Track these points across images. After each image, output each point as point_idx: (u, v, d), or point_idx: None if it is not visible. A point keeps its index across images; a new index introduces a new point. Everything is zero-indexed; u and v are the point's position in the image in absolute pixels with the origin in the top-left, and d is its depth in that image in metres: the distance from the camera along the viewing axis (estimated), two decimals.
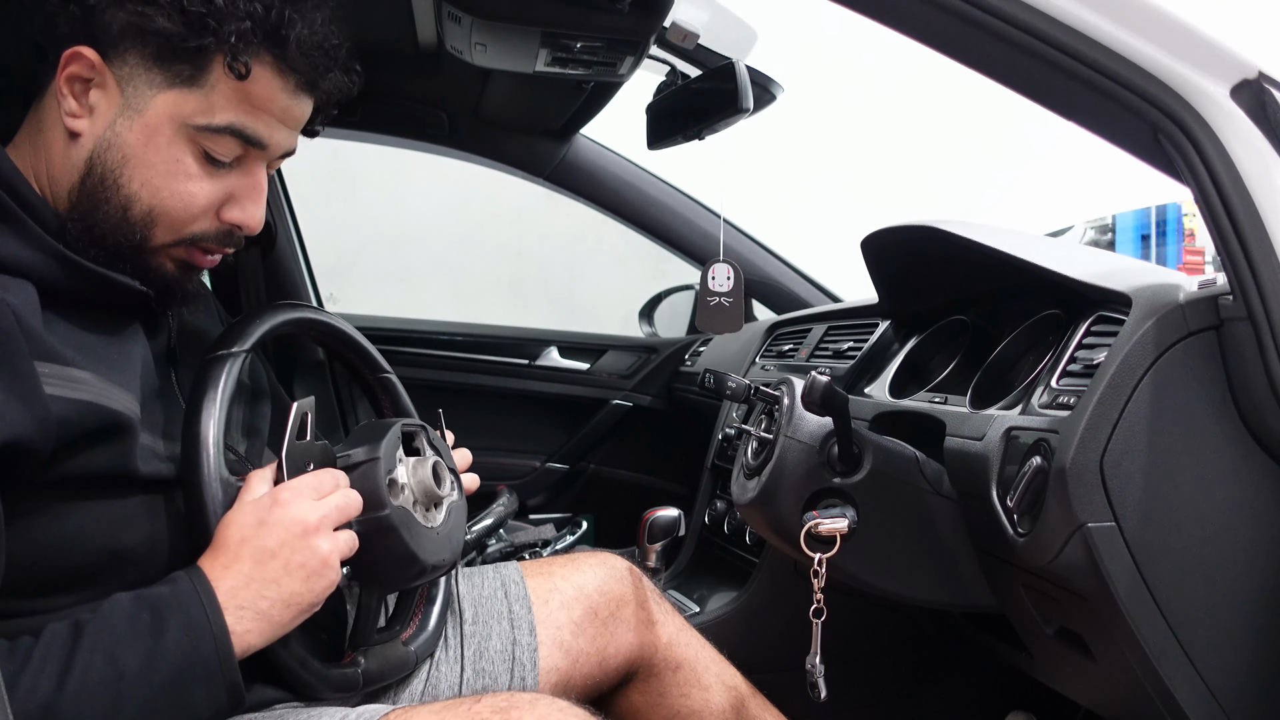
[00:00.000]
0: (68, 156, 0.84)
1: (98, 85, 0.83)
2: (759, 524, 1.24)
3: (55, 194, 0.85)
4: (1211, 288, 0.93)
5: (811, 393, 1.05)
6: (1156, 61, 0.87)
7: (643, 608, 1.22)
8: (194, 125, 0.84)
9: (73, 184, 0.84)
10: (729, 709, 1.23)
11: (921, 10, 0.88)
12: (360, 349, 1.08)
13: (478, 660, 1.11)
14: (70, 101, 0.83)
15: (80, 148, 0.84)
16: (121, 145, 0.84)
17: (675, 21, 1.50)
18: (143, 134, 0.84)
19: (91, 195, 0.84)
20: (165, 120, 0.84)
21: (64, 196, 0.85)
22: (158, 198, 0.85)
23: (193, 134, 0.85)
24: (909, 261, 1.48)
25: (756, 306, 2.42)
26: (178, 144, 0.85)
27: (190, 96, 0.84)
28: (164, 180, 0.85)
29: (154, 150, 0.84)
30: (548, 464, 2.48)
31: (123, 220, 0.84)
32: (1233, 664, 0.92)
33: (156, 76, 0.83)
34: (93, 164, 0.84)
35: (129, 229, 0.85)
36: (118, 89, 0.83)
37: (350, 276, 3.42)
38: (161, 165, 0.85)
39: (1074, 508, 0.90)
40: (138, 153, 0.84)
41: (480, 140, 2.19)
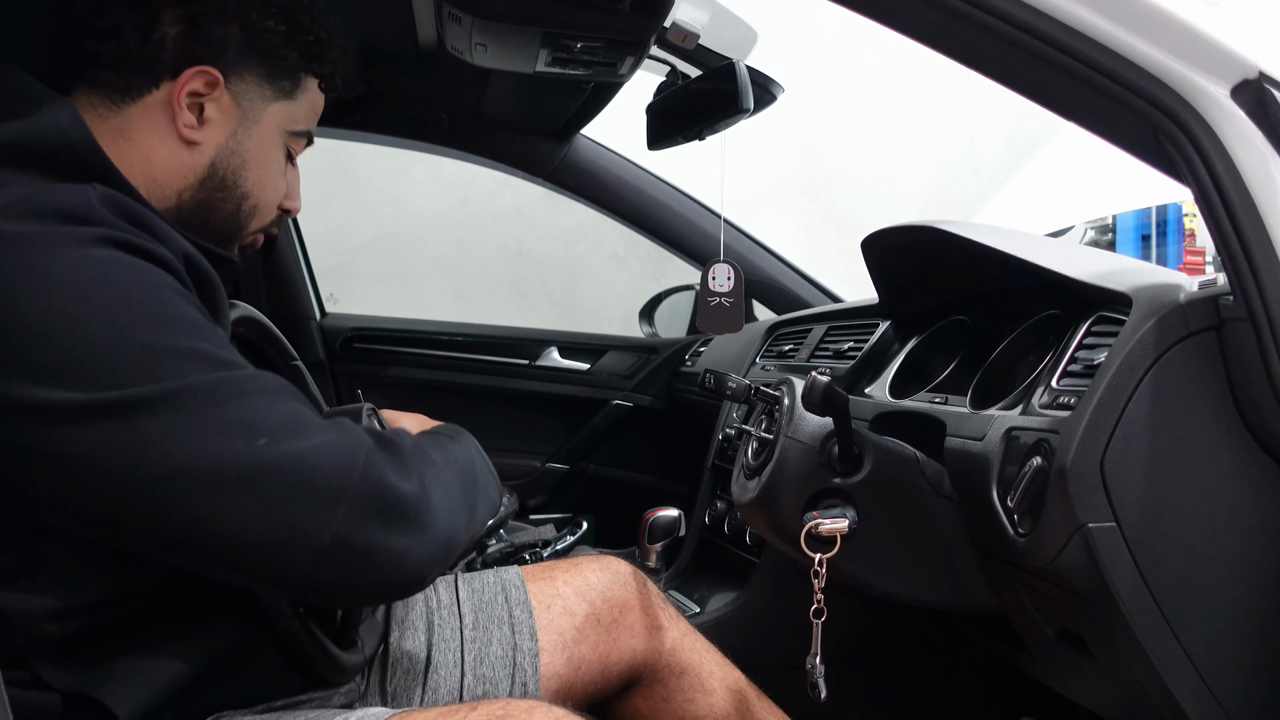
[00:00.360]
0: (183, 162, 0.94)
1: (214, 100, 0.94)
2: (759, 524, 1.24)
3: (155, 192, 0.93)
4: (1212, 288, 0.93)
5: (812, 393, 1.05)
6: (1157, 62, 0.87)
7: (647, 613, 1.22)
8: (289, 130, 1.01)
9: (187, 185, 0.94)
10: (733, 713, 1.23)
11: (921, 10, 0.88)
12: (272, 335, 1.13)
13: (478, 666, 1.11)
14: (188, 114, 0.93)
15: (200, 154, 0.94)
16: (242, 152, 0.97)
17: (675, 21, 1.49)
18: (258, 141, 0.98)
19: (210, 195, 0.96)
20: (274, 128, 0.99)
21: (171, 195, 0.94)
22: (264, 193, 1.00)
23: (287, 138, 1.01)
24: (909, 262, 1.48)
25: (756, 306, 2.42)
26: (279, 147, 1.01)
27: (289, 106, 1.00)
28: (270, 178, 1.00)
29: (264, 154, 0.99)
30: (548, 464, 2.47)
31: (235, 214, 0.98)
32: (1233, 664, 0.92)
33: (267, 91, 0.98)
34: (215, 169, 0.95)
35: (237, 221, 0.99)
36: (234, 104, 0.95)
37: (350, 276, 3.42)
38: (270, 166, 1.00)
39: (1074, 508, 0.90)
40: (254, 157, 0.98)
41: (480, 140, 2.19)
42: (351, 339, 2.46)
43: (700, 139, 1.66)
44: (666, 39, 1.53)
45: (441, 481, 0.84)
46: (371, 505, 0.75)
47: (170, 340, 0.74)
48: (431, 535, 0.79)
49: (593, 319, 3.73)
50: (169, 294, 0.77)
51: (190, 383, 0.72)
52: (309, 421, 0.77)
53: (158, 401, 0.71)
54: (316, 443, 0.75)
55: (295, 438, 0.74)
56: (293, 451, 0.74)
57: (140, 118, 0.92)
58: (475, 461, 0.97)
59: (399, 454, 0.80)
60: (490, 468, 1.01)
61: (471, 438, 1.02)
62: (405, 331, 2.51)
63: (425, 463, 0.83)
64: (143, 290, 0.75)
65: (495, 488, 1.00)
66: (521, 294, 3.84)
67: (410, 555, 0.78)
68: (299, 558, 0.74)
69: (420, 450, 0.85)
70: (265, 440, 0.73)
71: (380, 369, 2.45)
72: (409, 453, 0.81)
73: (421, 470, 0.81)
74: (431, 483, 0.81)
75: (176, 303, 0.77)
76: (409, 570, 0.79)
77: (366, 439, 0.78)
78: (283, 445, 0.73)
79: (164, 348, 0.73)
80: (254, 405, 0.74)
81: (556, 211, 3.67)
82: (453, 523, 0.83)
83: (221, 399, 0.73)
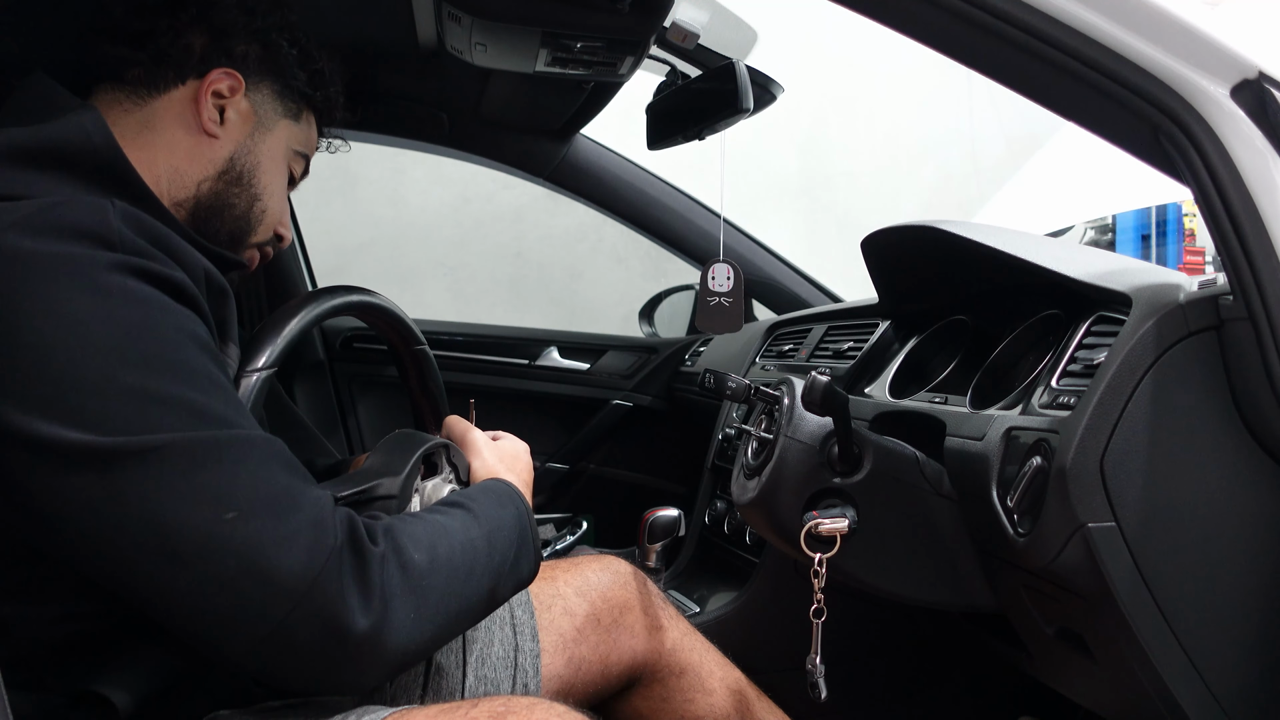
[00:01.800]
0: (204, 153, 0.98)
1: (234, 104, 1.00)
2: (759, 524, 1.24)
3: (177, 181, 0.97)
4: (1211, 288, 0.93)
5: (811, 393, 1.05)
6: (1157, 62, 0.87)
7: (647, 613, 1.22)
8: (294, 150, 1.07)
9: (207, 175, 0.99)
10: (733, 713, 1.23)
11: (921, 10, 0.88)
12: (398, 321, 1.15)
13: (480, 667, 1.11)
14: (211, 110, 0.98)
15: (220, 147, 1.00)
16: (257, 154, 1.02)
17: (675, 21, 1.49)
18: (270, 149, 1.04)
19: (227, 189, 1.00)
20: (283, 142, 1.06)
21: (191, 185, 0.98)
22: (273, 200, 1.05)
23: (291, 156, 1.07)
24: (909, 261, 1.48)
25: (756, 306, 2.42)
26: (285, 162, 1.07)
27: (295, 127, 1.07)
28: (278, 187, 1.06)
29: (275, 163, 1.05)
30: (548, 464, 2.47)
31: (246, 213, 1.02)
32: (1233, 664, 0.92)
33: (279, 107, 1.05)
34: (233, 162, 1.00)
35: (247, 221, 1.03)
36: (251, 111, 1.02)
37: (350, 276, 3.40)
38: (278, 175, 1.06)
39: (1074, 508, 0.90)
40: (266, 163, 1.03)
41: (480, 140, 2.19)
42: (351, 339, 2.46)
43: (700, 139, 1.66)
44: (666, 39, 1.52)
45: (415, 591, 0.77)
46: (319, 620, 0.71)
47: (161, 387, 0.72)
48: (378, 661, 0.75)
49: (593, 319, 3.73)
50: (174, 334, 0.75)
51: (170, 440, 0.71)
52: (286, 500, 0.73)
53: (133, 456, 0.70)
54: (284, 532, 0.72)
55: (265, 517, 0.71)
56: (256, 534, 0.71)
57: (165, 110, 0.97)
58: (488, 541, 0.88)
59: (365, 569, 0.74)
60: (524, 536, 0.94)
61: (514, 498, 0.96)
62: None
63: (397, 575, 0.76)
64: (146, 330, 0.74)
65: (517, 561, 0.91)
66: (521, 294, 3.84)
67: (348, 672, 0.74)
68: (239, 641, 0.72)
69: (397, 557, 0.77)
70: (233, 515, 0.71)
71: (380, 369, 2.46)
72: (375, 567, 0.75)
73: (387, 590, 0.75)
74: (396, 603, 0.75)
75: (180, 345, 0.75)
76: (346, 684, 0.76)
77: (339, 538, 0.73)
78: (250, 524, 0.71)
79: (153, 395, 0.72)
80: (230, 473, 0.72)
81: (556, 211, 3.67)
82: (415, 636, 0.77)
83: (199, 462, 0.71)
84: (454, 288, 3.77)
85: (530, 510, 0.98)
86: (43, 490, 0.70)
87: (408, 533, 0.80)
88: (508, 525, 0.92)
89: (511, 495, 0.97)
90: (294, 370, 2.40)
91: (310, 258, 2.53)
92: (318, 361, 2.44)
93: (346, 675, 0.75)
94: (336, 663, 0.73)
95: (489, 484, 0.98)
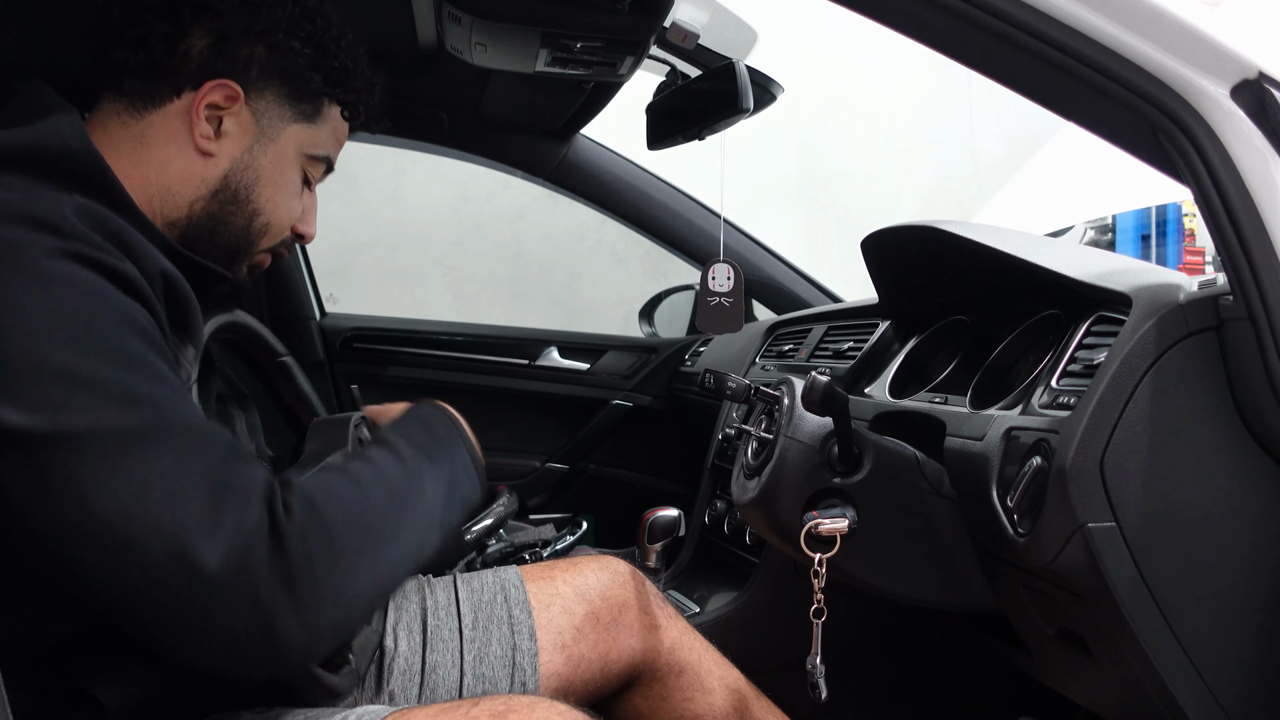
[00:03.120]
0: (196, 172, 0.95)
1: (232, 114, 0.95)
2: (759, 524, 1.24)
3: (169, 201, 0.94)
4: (1211, 288, 0.93)
5: (811, 393, 1.05)
6: (1157, 61, 0.87)
7: (645, 612, 1.22)
8: (307, 153, 1.02)
9: (200, 196, 0.95)
10: (732, 712, 1.23)
11: (921, 10, 0.88)
12: (258, 335, 1.09)
13: (478, 665, 1.11)
14: (205, 125, 0.94)
15: (215, 165, 0.96)
16: (256, 168, 0.97)
17: (675, 21, 1.49)
18: (274, 159, 0.99)
19: (221, 208, 0.96)
20: (292, 149, 1.00)
21: (183, 205, 0.95)
22: (276, 212, 1.00)
23: (304, 160, 1.02)
24: (909, 261, 1.48)
25: (756, 306, 2.42)
26: (295, 168, 1.01)
27: (309, 130, 1.01)
28: (283, 197, 1.01)
29: (280, 173, 0.99)
30: (548, 464, 2.47)
31: (245, 230, 0.98)
32: (1233, 664, 0.92)
33: (287, 112, 0.99)
34: (228, 182, 0.96)
35: (246, 237, 0.99)
36: (252, 120, 0.97)
37: (350, 276, 3.42)
38: (284, 185, 1.00)
39: (1074, 508, 0.90)
40: (268, 175, 0.98)
41: (480, 140, 2.19)
42: (351, 339, 2.46)
43: (700, 139, 1.66)
44: (666, 39, 1.53)
45: (339, 557, 0.76)
46: (244, 605, 0.70)
47: (93, 370, 0.71)
48: (309, 638, 0.74)
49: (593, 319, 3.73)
50: (112, 320, 0.74)
51: (97, 424, 0.70)
52: (215, 485, 0.72)
53: (59, 439, 0.69)
54: (210, 519, 0.70)
55: (192, 503, 0.70)
56: (182, 520, 0.69)
57: (160, 125, 0.94)
58: (413, 485, 0.86)
59: (282, 547, 0.72)
60: (457, 453, 0.94)
61: (441, 417, 0.97)
62: (405, 331, 2.51)
63: (318, 545, 0.74)
64: (82, 314, 0.73)
65: (455, 481, 0.91)
66: (521, 294, 3.84)
67: (281, 652, 0.73)
68: (168, 629, 0.71)
69: (318, 523, 0.75)
70: (159, 500, 0.69)
71: (380, 369, 2.46)
72: (295, 542, 0.73)
73: (313, 565, 0.73)
74: (321, 573, 0.73)
75: (117, 330, 0.74)
76: (281, 662, 0.74)
77: (263, 526, 0.72)
78: (175, 510, 0.69)
79: (84, 377, 0.71)
80: (157, 459, 0.71)
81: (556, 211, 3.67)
82: (349, 596, 0.76)
83: (125, 447, 0.70)
84: (454, 288, 3.77)
85: (461, 425, 0.97)
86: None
87: (327, 492, 0.78)
88: (435, 444, 0.92)
89: (438, 415, 0.96)
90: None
91: (310, 258, 2.53)
92: (318, 361, 2.44)
93: (281, 655, 0.73)
94: (268, 645, 0.72)
95: (411, 411, 0.98)
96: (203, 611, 0.70)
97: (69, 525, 0.69)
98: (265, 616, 0.71)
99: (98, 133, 0.93)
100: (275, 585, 0.71)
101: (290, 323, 2.42)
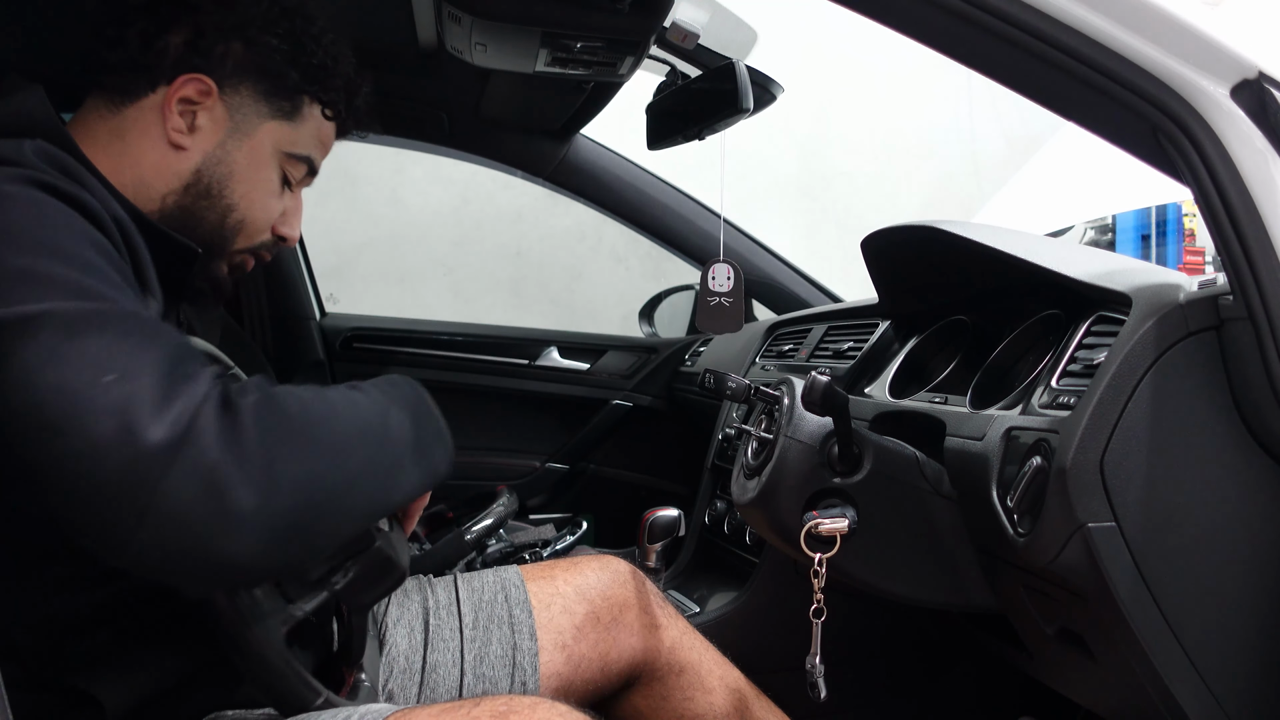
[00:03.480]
0: (169, 165, 0.96)
1: (206, 109, 0.96)
2: (759, 524, 1.24)
3: (142, 194, 0.95)
4: (1211, 288, 0.93)
5: (811, 393, 1.05)
6: (1156, 61, 0.87)
7: (645, 611, 1.22)
8: (285, 152, 1.01)
9: (172, 189, 0.96)
10: (732, 711, 1.23)
11: (921, 10, 0.88)
12: None
13: (478, 665, 1.11)
14: (178, 119, 0.95)
15: (187, 159, 0.96)
16: (230, 162, 0.97)
17: (675, 21, 1.49)
18: (249, 155, 0.98)
19: (195, 202, 0.97)
20: (268, 145, 1.00)
21: (156, 198, 0.95)
22: (251, 209, 1.00)
23: (282, 159, 1.01)
24: (909, 261, 1.48)
25: (756, 306, 2.42)
26: (272, 166, 1.00)
27: (287, 127, 1.01)
28: (259, 195, 1.00)
29: (255, 169, 0.99)
30: (548, 464, 2.48)
31: (219, 225, 0.98)
32: (1233, 664, 0.92)
33: (264, 108, 0.99)
34: (200, 175, 0.96)
35: (220, 233, 0.99)
36: (226, 115, 0.97)
37: (350, 276, 3.42)
38: (259, 183, 1.00)
39: (1074, 508, 0.90)
40: (242, 170, 0.98)
41: (480, 140, 2.19)
42: (351, 339, 2.47)
43: (700, 139, 1.66)
44: (666, 39, 1.53)
45: (294, 438, 0.72)
46: (198, 478, 0.66)
47: (50, 268, 0.72)
48: (266, 519, 0.68)
49: (593, 319, 3.73)
50: (69, 231, 0.76)
51: (51, 308, 0.69)
52: (169, 368, 0.69)
53: (13, 325, 0.68)
54: (162, 395, 0.67)
55: (146, 379, 0.68)
56: (134, 394, 0.67)
57: (135, 119, 0.95)
58: (380, 419, 0.83)
59: (236, 421, 0.69)
60: (423, 415, 0.89)
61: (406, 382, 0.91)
62: (405, 331, 2.51)
63: (273, 421, 0.71)
64: (37, 220, 0.75)
65: (420, 442, 0.86)
66: (521, 294, 3.84)
67: (238, 536, 0.67)
68: (115, 516, 0.66)
69: (271, 402, 0.73)
70: (112, 378, 0.67)
71: (380, 369, 2.45)
72: (248, 417, 0.70)
73: (267, 439, 0.70)
74: (276, 449, 0.70)
75: (74, 240, 0.75)
76: (232, 554, 0.68)
77: (212, 399, 0.69)
78: (127, 385, 0.67)
79: (40, 274, 0.71)
80: (112, 342, 0.69)
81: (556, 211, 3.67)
82: (303, 485, 0.71)
83: (79, 330, 0.69)
84: (454, 288, 3.77)
85: (428, 399, 0.91)
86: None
87: (287, 390, 0.76)
88: (404, 400, 0.87)
89: (403, 379, 0.91)
90: (294, 369, 2.40)
91: (310, 258, 2.53)
92: (318, 361, 2.44)
93: (237, 537, 0.67)
94: (222, 522, 0.67)
95: (386, 376, 0.92)
96: (150, 487, 0.65)
97: (18, 409, 0.67)
98: (216, 487, 0.66)
99: (79, 128, 0.95)
100: (226, 451, 0.67)
101: (290, 323, 2.42)
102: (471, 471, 2.37)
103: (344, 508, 0.76)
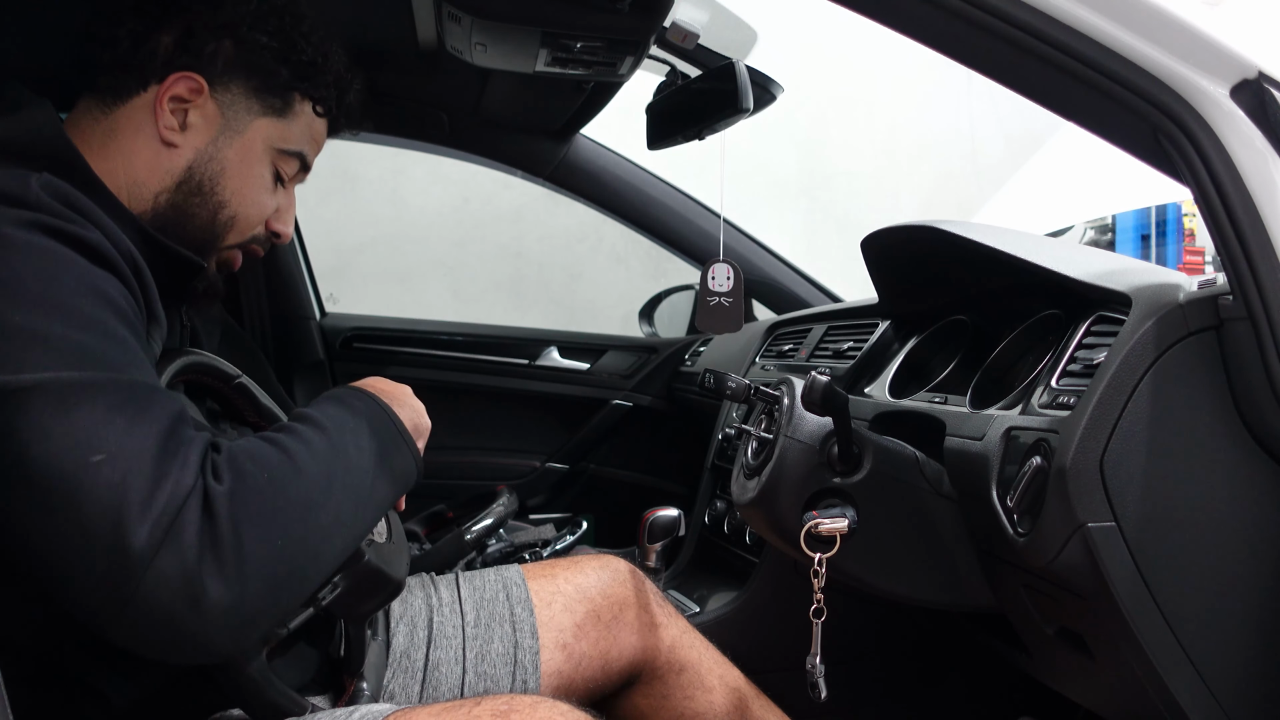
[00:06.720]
0: (161, 163, 0.96)
1: (197, 107, 0.97)
2: (759, 524, 1.24)
3: (136, 194, 0.95)
4: (1211, 288, 0.93)
5: (811, 393, 1.05)
6: (1156, 61, 0.87)
7: (645, 610, 1.22)
8: (277, 148, 1.01)
9: (165, 187, 0.96)
10: (732, 710, 1.23)
11: (921, 10, 0.88)
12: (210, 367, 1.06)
13: (479, 663, 1.11)
14: (169, 117, 0.96)
15: (178, 157, 0.96)
16: (221, 159, 0.98)
17: (675, 21, 1.49)
18: (240, 151, 0.99)
19: (186, 199, 0.97)
20: (259, 142, 1.00)
21: (149, 197, 0.95)
22: (243, 206, 1.00)
23: (274, 155, 1.02)
24: (909, 261, 1.48)
25: (756, 306, 2.42)
26: (264, 162, 1.01)
27: (278, 124, 1.01)
28: (251, 191, 1.01)
29: (247, 166, 1.00)
30: (548, 464, 2.47)
31: (210, 222, 0.99)
32: (1233, 664, 0.92)
33: (255, 105, 1.00)
34: (192, 173, 0.97)
35: (212, 230, 0.99)
36: (217, 112, 0.98)
37: (350, 276, 3.42)
38: (251, 179, 1.00)
39: (1074, 508, 0.90)
40: (234, 167, 0.99)
41: (480, 140, 2.19)
42: (351, 339, 2.47)
43: (700, 139, 1.66)
44: (666, 39, 1.52)
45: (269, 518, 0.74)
46: (180, 578, 0.68)
47: (49, 329, 0.72)
48: (236, 608, 0.71)
49: (593, 319, 3.73)
50: (74, 284, 0.75)
51: (44, 379, 0.70)
52: (161, 447, 0.70)
53: (8, 395, 0.69)
54: (150, 481, 0.69)
55: (134, 463, 0.69)
56: (121, 481, 0.68)
57: (127, 119, 0.96)
58: (337, 453, 0.83)
59: (213, 517, 0.70)
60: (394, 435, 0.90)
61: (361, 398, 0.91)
62: (405, 331, 2.51)
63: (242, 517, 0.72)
64: (44, 277, 0.74)
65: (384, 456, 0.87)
66: (521, 294, 3.84)
67: (204, 630, 0.70)
68: (100, 598, 0.68)
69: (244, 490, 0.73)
70: (100, 459, 0.68)
71: (380, 369, 2.45)
72: (224, 514, 0.71)
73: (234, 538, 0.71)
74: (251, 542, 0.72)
75: (77, 294, 0.75)
76: (205, 642, 0.72)
77: (197, 494, 0.70)
78: (116, 469, 0.68)
79: (39, 336, 0.71)
80: (103, 416, 0.70)
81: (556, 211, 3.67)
82: (276, 569, 0.73)
83: (71, 403, 0.69)
84: (454, 288, 3.78)
85: (379, 399, 0.92)
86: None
87: (253, 456, 0.76)
88: (359, 413, 0.88)
89: (352, 392, 0.92)
90: (294, 369, 2.40)
91: (310, 258, 2.53)
92: (318, 361, 2.44)
93: (210, 628, 0.70)
94: (196, 616, 0.69)
95: (326, 393, 0.93)
96: (133, 584, 0.67)
97: (9, 480, 0.68)
98: (193, 587, 0.68)
99: (72, 129, 0.95)
100: (204, 552, 0.69)
101: (290, 323, 2.42)
102: (471, 471, 2.37)
103: (320, 561, 0.79)
